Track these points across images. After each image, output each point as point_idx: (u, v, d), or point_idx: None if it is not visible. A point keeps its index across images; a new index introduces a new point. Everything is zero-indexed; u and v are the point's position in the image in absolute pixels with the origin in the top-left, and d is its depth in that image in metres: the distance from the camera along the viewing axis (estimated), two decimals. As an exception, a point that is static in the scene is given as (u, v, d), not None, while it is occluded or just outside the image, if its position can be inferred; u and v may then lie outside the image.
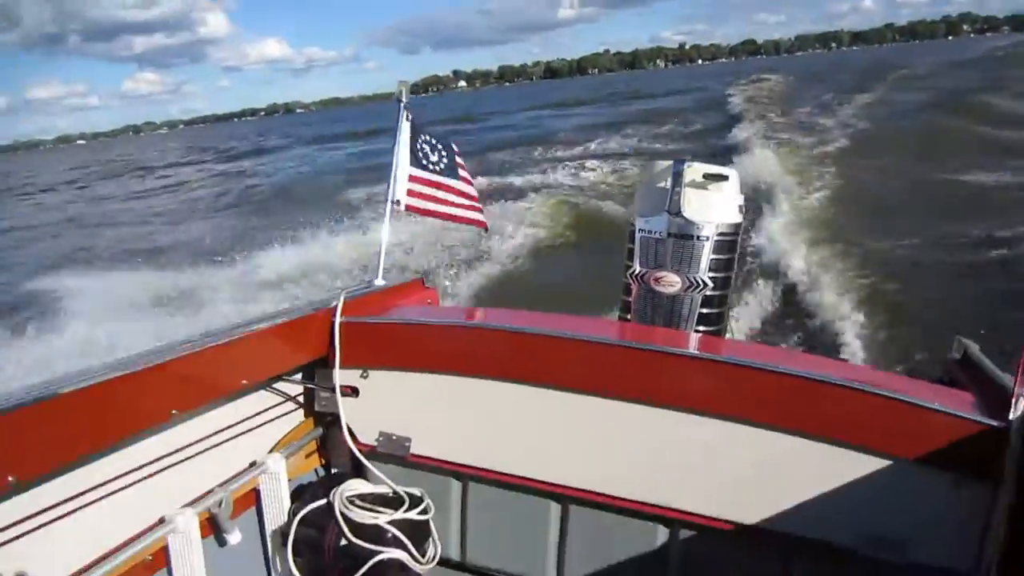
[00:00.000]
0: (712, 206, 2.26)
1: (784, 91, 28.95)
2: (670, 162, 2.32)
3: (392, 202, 2.49)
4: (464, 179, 2.76)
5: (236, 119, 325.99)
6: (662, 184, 2.30)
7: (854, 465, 1.66)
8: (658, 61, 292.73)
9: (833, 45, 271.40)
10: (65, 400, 1.43)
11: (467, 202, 2.76)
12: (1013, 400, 1.50)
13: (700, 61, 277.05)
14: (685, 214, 2.25)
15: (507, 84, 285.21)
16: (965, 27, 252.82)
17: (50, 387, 1.45)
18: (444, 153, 2.67)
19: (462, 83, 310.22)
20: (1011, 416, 1.50)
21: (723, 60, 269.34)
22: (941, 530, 1.61)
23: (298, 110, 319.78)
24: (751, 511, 1.77)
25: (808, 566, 1.76)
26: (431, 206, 2.63)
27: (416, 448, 2.12)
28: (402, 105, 2.50)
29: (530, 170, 15.92)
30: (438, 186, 2.63)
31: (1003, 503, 1.50)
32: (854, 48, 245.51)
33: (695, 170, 2.28)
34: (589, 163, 16.14)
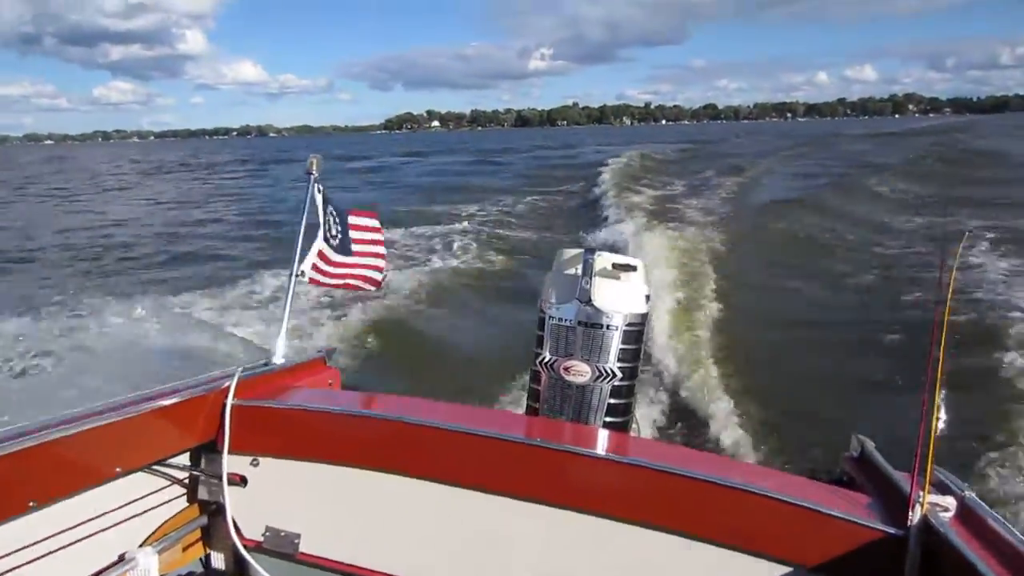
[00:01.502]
0: (620, 296, 2.25)
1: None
2: (578, 250, 2.32)
3: (295, 275, 2.39)
4: (360, 240, 2.68)
5: (208, 136, 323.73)
6: (571, 271, 2.29)
7: (756, 572, 1.62)
8: (624, 118, 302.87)
9: (788, 115, 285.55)
10: None
11: (362, 262, 2.68)
12: (910, 507, 1.50)
13: (664, 121, 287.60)
14: (595, 303, 2.23)
15: (479, 128, 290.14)
16: (911, 107, 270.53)
17: None
18: (339, 223, 2.60)
19: (435, 123, 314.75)
20: (909, 523, 1.49)
21: (685, 122, 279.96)
22: None
23: (271, 134, 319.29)
24: None
25: None
26: (329, 280, 2.55)
27: (306, 546, 1.99)
28: (312, 178, 2.42)
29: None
30: (335, 264, 2.56)
31: None
32: (806, 119, 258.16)
33: (604, 259, 2.27)
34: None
